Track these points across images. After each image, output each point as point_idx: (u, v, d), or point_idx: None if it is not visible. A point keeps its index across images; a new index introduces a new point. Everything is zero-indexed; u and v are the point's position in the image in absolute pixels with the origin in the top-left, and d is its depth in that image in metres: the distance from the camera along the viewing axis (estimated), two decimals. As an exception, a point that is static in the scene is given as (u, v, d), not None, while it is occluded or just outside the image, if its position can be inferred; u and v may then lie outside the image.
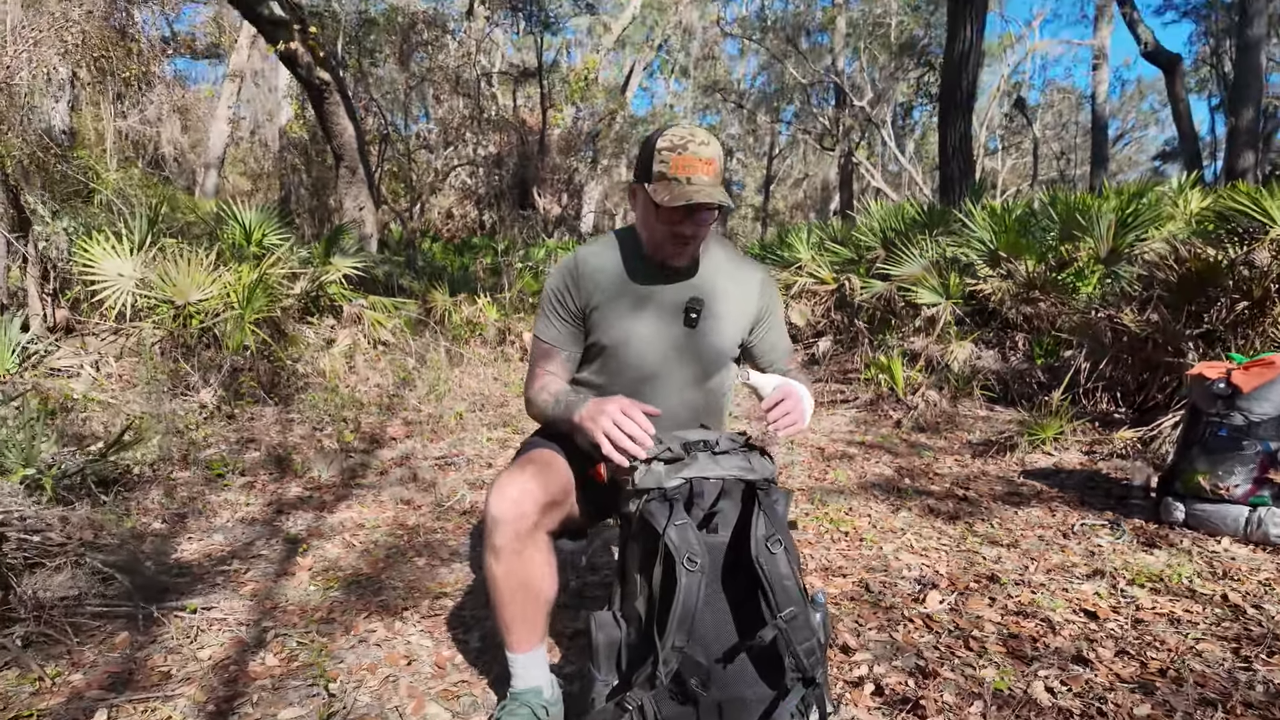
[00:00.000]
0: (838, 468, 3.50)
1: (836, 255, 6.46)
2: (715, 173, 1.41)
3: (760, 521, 1.19)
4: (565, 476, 1.46)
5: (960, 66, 6.66)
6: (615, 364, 1.56)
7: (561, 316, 1.57)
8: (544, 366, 1.59)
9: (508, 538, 1.33)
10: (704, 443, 1.32)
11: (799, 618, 1.16)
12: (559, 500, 1.42)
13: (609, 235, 1.61)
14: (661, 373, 1.55)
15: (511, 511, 1.33)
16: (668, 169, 1.40)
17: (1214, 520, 2.60)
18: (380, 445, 3.78)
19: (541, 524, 1.38)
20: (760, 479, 1.26)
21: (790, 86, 20.80)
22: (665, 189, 1.39)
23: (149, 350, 4.47)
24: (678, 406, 1.55)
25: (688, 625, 1.15)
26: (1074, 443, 3.76)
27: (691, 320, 1.53)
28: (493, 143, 12.88)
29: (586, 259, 1.56)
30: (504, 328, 6.43)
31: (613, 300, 1.53)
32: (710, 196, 1.37)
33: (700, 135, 1.41)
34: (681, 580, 1.15)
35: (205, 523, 2.66)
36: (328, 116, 7.88)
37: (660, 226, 1.45)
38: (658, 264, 1.53)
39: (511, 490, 1.35)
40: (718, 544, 1.25)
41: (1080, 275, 5.24)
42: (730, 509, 1.26)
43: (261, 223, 5.91)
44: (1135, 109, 33.29)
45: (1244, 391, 2.62)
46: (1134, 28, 14.23)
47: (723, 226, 12.32)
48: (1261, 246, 4.22)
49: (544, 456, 1.47)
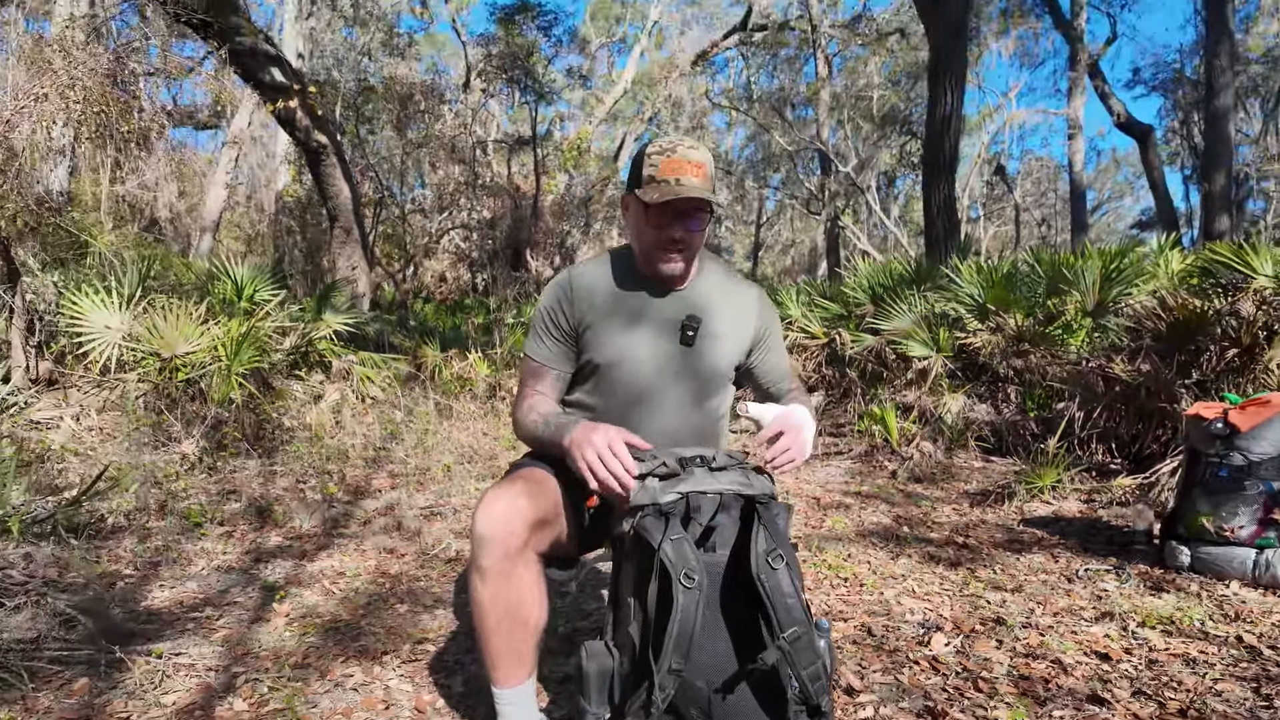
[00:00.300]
0: (834, 516, 3.43)
1: (826, 311, 6.49)
2: (705, 176, 1.40)
3: (761, 536, 1.14)
4: (555, 495, 1.40)
5: (942, 130, 6.88)
6: (609, 383, 1.51)
7: (553, 335, 1.53)
8: (533, 386, 1.55)
9: (495, 558, 1.26)
10: (700, 458, 1.27)
11: (803, 639, 1.09)
12: (549, 519, 1.36)
13: (603, 254, 1.59)
14: (657, 392, 1.50)
15: (500, 529, 1.26)
16: (656, 172, 1.39)
17: (1220, 563, 2.53)
18: (365, 496, 3.68)
19: (531, 543, 1.31)
20: (760, 493, 1.21)
21: (777, 155, 21.41)
22: (654, 189, 1.39)
23: (132, 403, 4.40)
24: (674, 428, 1.51)
25: (685, 647, 1.07)
26: (1072, 492, 3.70)
27: (688, 338, 1.50)
28: (486, 207, 13.09)
29: (580, 275, 1.54)
30: (495, 383, 6.38)
31: (606, 317, 1.50)
32: (698, 192, 1.36)
33: (689, 141, 1.42)
34: (679, 598, 1.08)
35: (179, 570, 2.55)
36: (324, 178, 8.01)
37: (650, 231, 1.43)
38: (652, 281, 1.51)
39: (499, 506, 1.28)
40: (716, 563, 1.19)
41: (1068, 328, 5.28)
42: (728, 526, 1.20)
43: (253, 279, 5.92)
44: (1111, 180, 34.37)
45: (1242, 431, 2.59)
46: (1106, 100, 14.82)
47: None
48: (1245, 297, 4.27)
49: (533, 474, 1.41)
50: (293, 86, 6.78)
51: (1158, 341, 4.27)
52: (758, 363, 1.61)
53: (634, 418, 1.49)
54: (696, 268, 1.55)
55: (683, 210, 1.41)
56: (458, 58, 18.64)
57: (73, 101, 4.31)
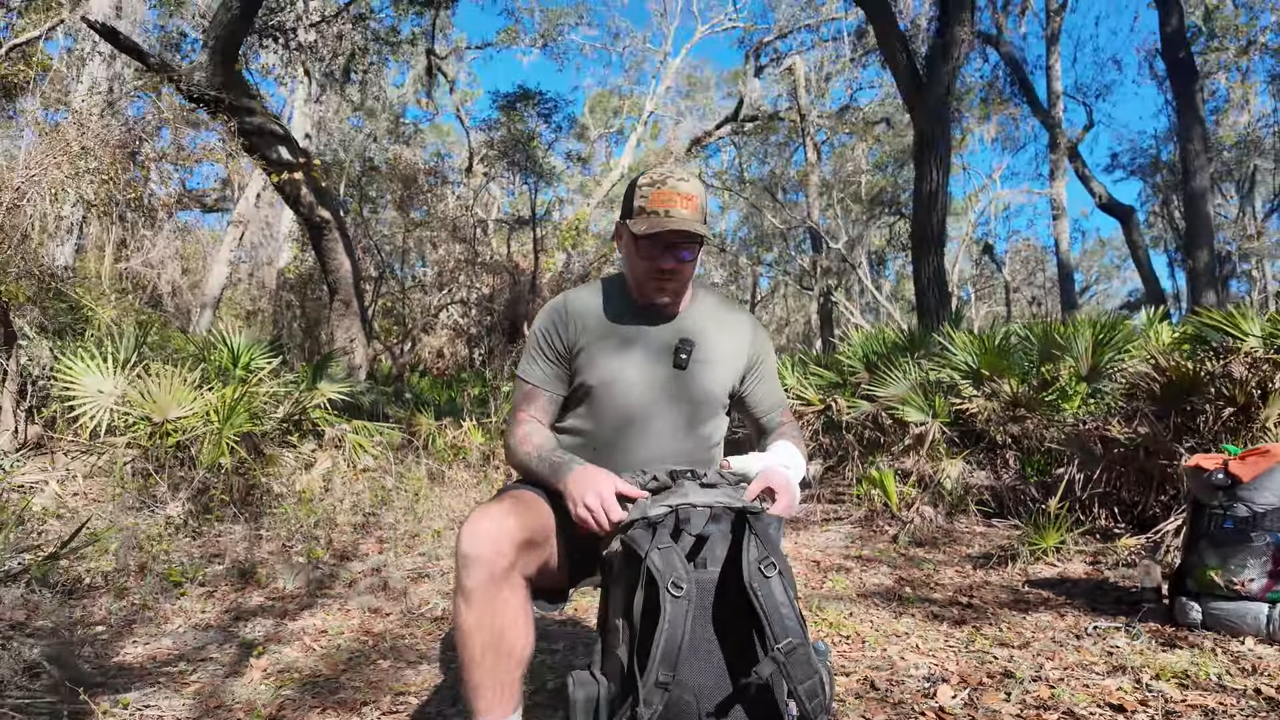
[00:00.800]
0: (835, 578, 3.33)
1: (821, 378, 6.50)
2: (695, 209, 1.42)
3: (752, 545, 1.10)
4: (545, 518, 1.36)
5: (929, 204, 7.08)
6: (601, 406, 1.50)
7: (547, 357, 1.53)
8: (526, 410, 1.53)
9: (480, 579, 1.21)
10: (691, 473, 1.25)
11: (798, 651, 1.04)
12: (538, 541, 1.31)
13: (597, 281, 1.61)
14: (649, 415, 1.49)
15: (485, 548, 1.22)
16: (647, 203, 1.42)
17: (1233, 619, 2.45)
18: (351, 559, 3.58)
19: (518, 565, 1.26)
20: (751, 506, 1.18)
21: (770, 234, 21.95)
22: (643, 221, 1.41)
23: (120, 468, 4.33)
24: (667, 452, 1.48)
25: (673, 659, 1.02)
26: (1076, 553, 3.62)
27: (681, 361, 1.49)
28: (485, 284, 13.29)
29: (574, 299, 1.55)
30: (489, 451, 6.31)
31: (599, 340, 1.50)
32: (686, 225, 1.38)
33: (680, 173, 1.45)
34: (666, 608, 1.04)
35: (154, 628, 2.45)
36: (326, 252, 8.16)
37: (641, 262, 1.45)
38: (645, 306, 1.52)
39: (485, 524, 1.24)
40: (708, 579, 1.15)
41: (1064, 394, 5.28)
42: (719, 540, 1.17)
43: (250, 347, 5.93)
44: (1098, 262, 35.17)
45: (1243, 481, 2.56)
46: (1087, 183, 15.33)
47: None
48: (1237, 359, 4.30)
49: (523, 495, 1.38)
50: (299, 161, 6.99)
51: (1153, 403, 4.27)
52: (750, 390, 1.60)
53: (626, 441, 1.47)
54: (690, 295, 1.56)
55: (672, 242, 1.42)
56: (460, 145, 19.36)
57: (83, 172, 4.42)
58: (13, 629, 1.71)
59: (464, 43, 17.35)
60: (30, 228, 5.23)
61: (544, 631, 2.51)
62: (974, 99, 17.20)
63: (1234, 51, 18.92)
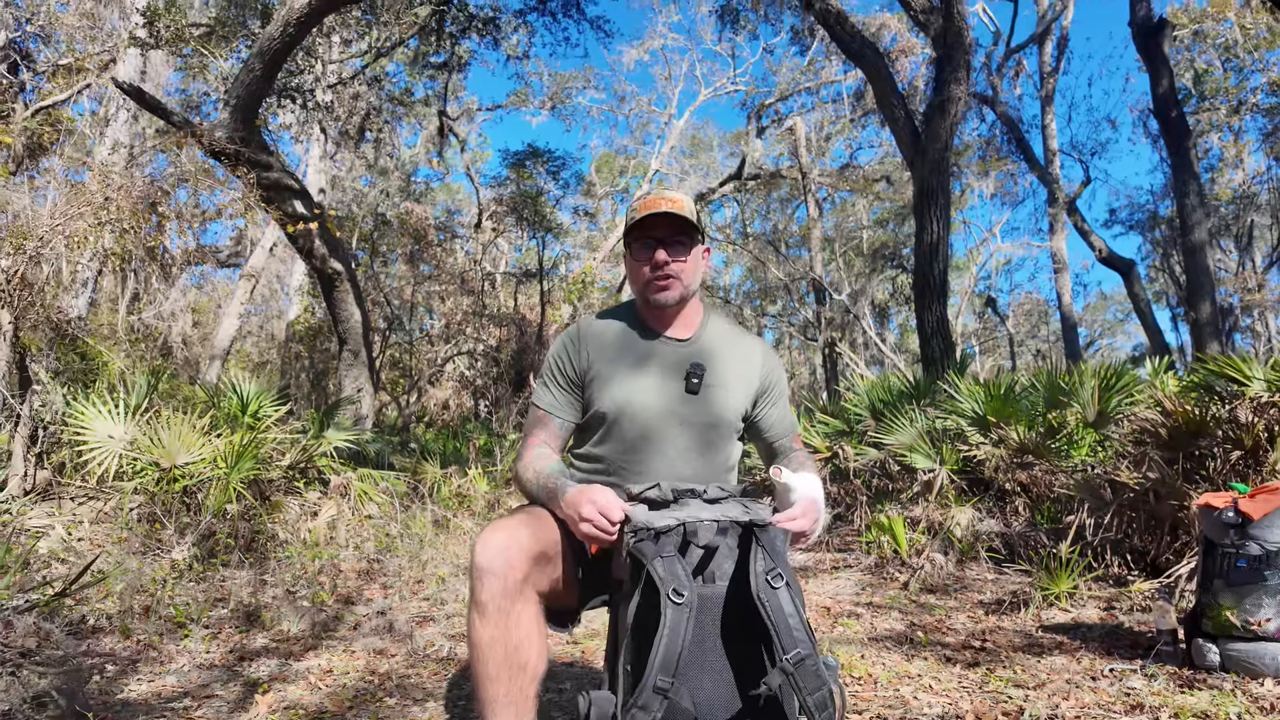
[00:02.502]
0: (846, 622, 3.29)
1: (828, 426, 6.50)
2: (681, 207, 1.49)
3: (759, 556, 1.12)
4: (555, 533, 1.37)
5: (931, 255, 7.19)
6: (615, 431, 1.52)
7: (559, 383, 1.56)
8: (537, 435, 1.56)
9: (494, 592, 1.22)
10: (693, 490, 1.27)
11: (807, 662, 1.04)
12: (549, 554, 1.33)
13: (615, 306, 1.66)
14: (662, 440, 1.51)
15: (499, 561, 1.24)
16: (635, 213, 1.51)
17: (1251, 660, 2.41)
18: (356, 604, 3.55)
19: (531, 578, 1.27)
20: (758, 519, 1.20)
21: (774, 286, 22.19)
22: (633, 222, 1.51)
23: (127, 513, 4.34)
24: (681, 476, 1.49)
25: (672, 666, 1.03)
26: (1090, 599, 3.57)
27: (693, 385, 1.52)
28: (492, 336, 13.42)
29: (589, 325, 1.60)
30: (494, 500, 6.29)
31: (611, 365, 1.54)
32: (669, 207, 1.45)
33: (666, 186, 1.54)
34: (667, 614, 1.05)
35: (159, 666, 2.43)
36: (337, 303, 8.28)
37: (637, 267, 1.51)
38: (658, 331, 1.56)
39: (499, 537, 1.26)
40: (715, 595, 1.16)
41: (1071, 441, 5.27)
42: (726, 555, 1.18)
43: (259, 394, 5.98)
44: (1101, 318, 35.33)
45: (1254, 519, 2.55)
46: (1087, 238, 15.53)
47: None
48: (1243, 404, 4.31)
49: (534, 511, 1.40)
50: (313, 212, 7.16)
51: (1161, 448, 4.25)
52: (763, 415, 1.62)
53: (639, 466, 1.49)
54: (702, 319, 1.60)
55: (662, 237, 1.49)
56: (470, 203, 19.80)
57: (104, 221, 4.55)
58: (23, 656, 1.71)
59: (475, 104, 17.90)
60: (49, 278, 5.35)
61: (551, 671, 2.48)
62: (972, 156, 17.59)
63: (1225, 112, 19.39)
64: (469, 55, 11.35)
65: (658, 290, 1.52)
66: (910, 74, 15.88)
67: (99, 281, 11.40)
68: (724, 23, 12.55)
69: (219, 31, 8.65)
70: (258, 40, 6.91)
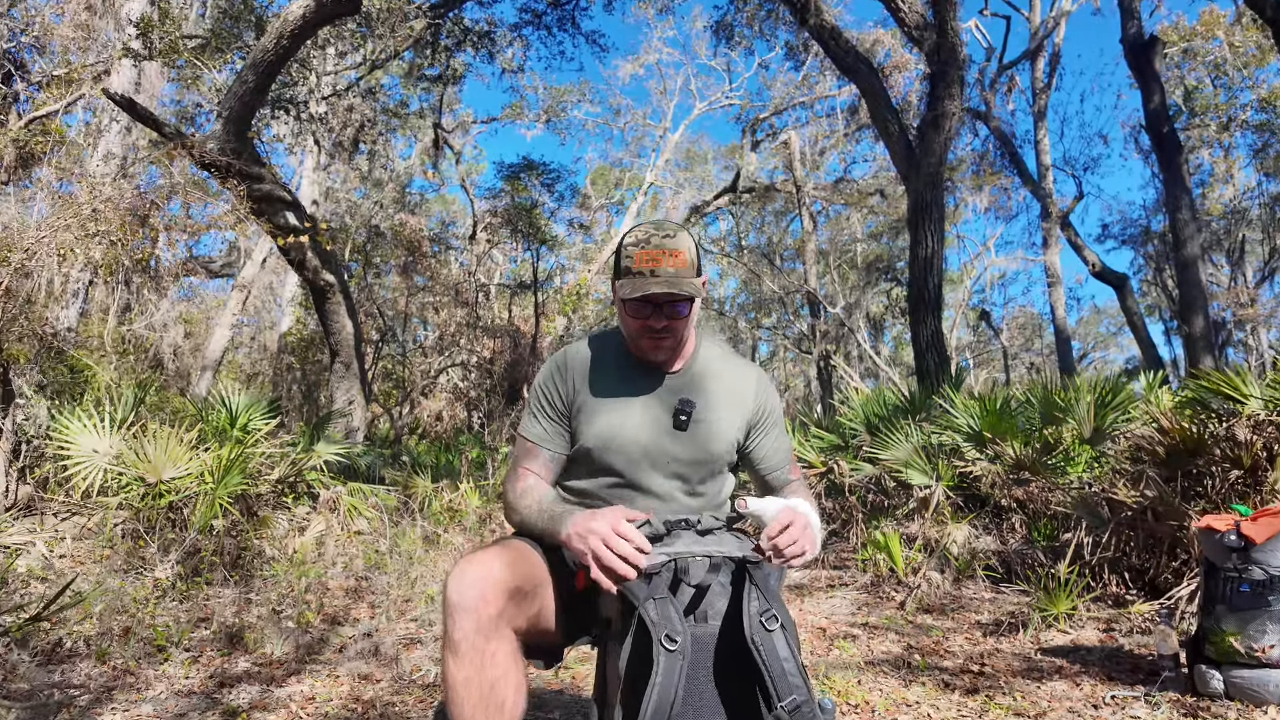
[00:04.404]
0: (841, 644, 3.23)
1: (823, 440, 6.46)
2: (683, 263, 1.36)
3: (753, 597, 1.07)
4: (536, 568, 1.32)
5: (925, 269, 7.18)
6: (601, 466, 1.46)
7: (547, 413, 1.50)
8: (526, 465, 1.49)
9: (468, 629, 1.16)
10: (686, 521, 1.22)
11: (804, 708, 0.99)
12: (527, 590, 1.27)
13: (606, 331, 1.57)
14: (650, 477, 1.45)
15: (471, 595, 1.17)
16: (633, 264, 1.36)
17: (1255, 688, 2.36)
18: (342, 624, 3.48)
19: (506, 615, 1.21)
20: (750, 556, 1.14)
21: (768, 299, 22.21)
22: (629, 284, 1.36)
23: (110, 530, 4.26)
24: (668, 508, 1.44)
25: (665, 714, 0.97)
26: (1089, 620, 3.52)
27: (681, 422, 1.45)
28: (486, 347, 13.36)
29: (573, 355, 1.53)
30: (485, 514, 6.21)
31: (598, 398, 1.47)
32: (669, 286, 1.33)
33: (667, 228, 1.40)
34: (659, 661, 1.00)
35: (135, 694, 2.36)
36: (329, 315, 8.22)
37: (632, 322, 1.41)
38: (644, 362, 1.49)
39: (473, 571, 1.20)
40: (708, 635, 1.11)
41: (1067, 458, 5.23)
42: (719, 592, 1.13)
43: (248, 407, 5.91)
44: (1094, 331, 35.46)
45: (1257, 543, 2.51)
46: (1080, 252, 15.59)
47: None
48: (1240, 422, 4.28)
49: (514, 544, 1.34)
50: (305, 225, 7.11)
51: (1158, 466, 4.22)
52: (755, 445, 1.54)
53: (626, 501, 1.44)
54: (692, 347, 1.52)
55: (661, 302, 1.37)
56: (464, 214, 19.78)
57: (92, 233, 4.49)
58: (-13, 689, 1.64)
59: (470, 117, 17.94)
60: (36, 290, 5.29)
61: (539, 698, 2.42)
62: (966, 170, 17.67)
63: (1215, 128, 19.56)
64: (464, 68, 11.37)
65: (651, 350, 1.43)
66: (904, 88, 15.96)
67: (90, 291, 11.32)
68: (719, 39, 12.62)
69: (213, 43, 8.63)
70: (251, 52, 6.89)
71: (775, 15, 11.94)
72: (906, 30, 7.91)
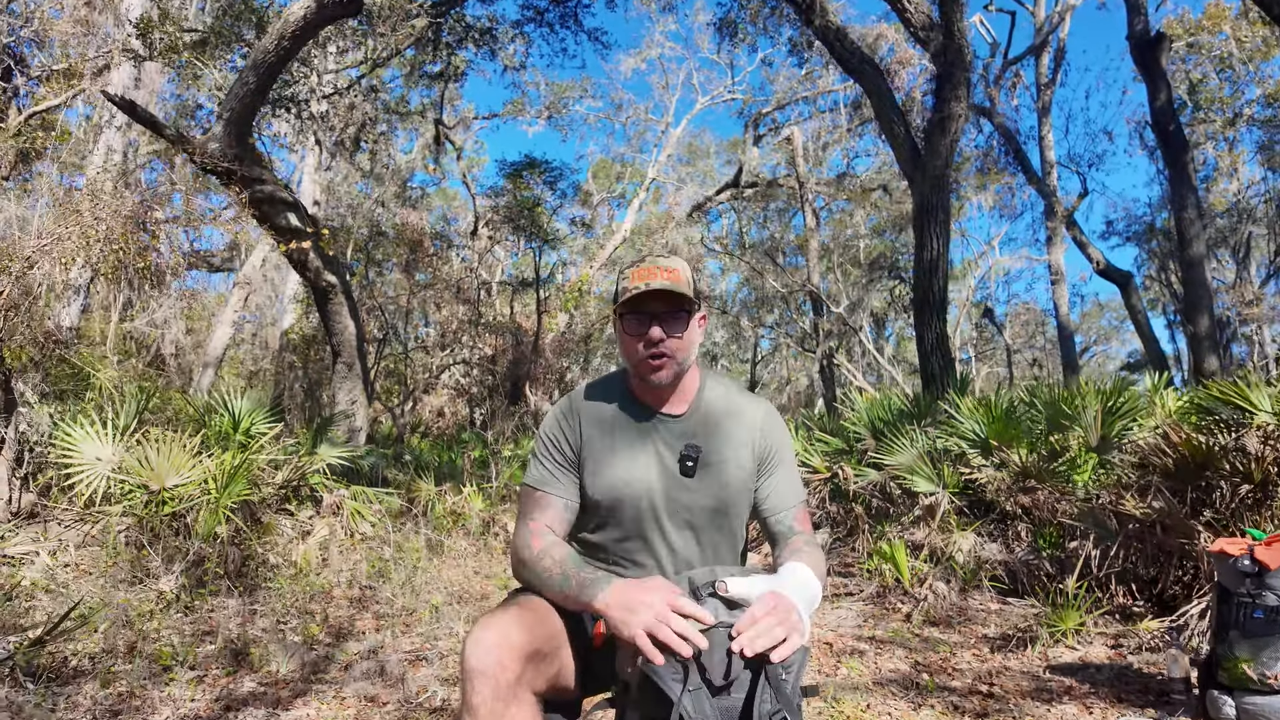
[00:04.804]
0: (849, 662, 3.22)
1: (827, 445, 6.44)
2: (678, 279, 1.39)
3: (766, 695, 1.05)
4: (553, 627, 1.29)
5: (930, 272, 7.14)
6: (612, 519, 1.43)
7: (557, 460, 1.46)
8: (539, 519, 1.43)
9: (485, 695, 1.14)
10: (713, 587, 1.19)
11: None
12: (546, 652, 1.25)
13: (611, 374, 1.55)
14: (662, 525, 1.43)
15: (490, 660, 1.15)
16: (629, 282, 1.40)
17: (1269, 715, 2.35)
18: (347, 638, 3.47)
19: (525, 678, 1.19)
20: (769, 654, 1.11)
21: (770, 296, 22.16)
22: (625, 297, 1.40)
23: (113, 538, 4.24)
24: (686, 560, 1.41)
25: None
26: (1097, 635, 3.50)
27: (688, 469, 1.42)
28: (488, 344, 13.34)
29: (582, 396, 1.51)
30: (489, 518, 6.20)
31: (605, 447, 1.45)
32: (663, 284, 1.36)
33: (662, 254, 1.44)
34: None
35: (140, 719, 2.34)
36: (331, 316, 8.19)
37: (630, 341, 1.41)
38: (651, 407, 1.47)
39: (490, 637, 1.18)
40: (731, 708, 1.09)
41: (1073, 465, 5.21)
42: (740, 666, 1.10)
43: (251, 411, 5.88)
44: (1096, 324, 35.39)
45: (1271, 569, 2.48)
46: (1084, 249, 15.52)
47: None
48: (1249, 434, 4.24)
49: (530, 603, 1.31)
50: (307, 230, 7.08)
51: (1166, 478, 4.19)
52: (759, 485, 1.50)
53: (640, 554, 1.42)
54: (696, 387, 1.50)
55: (657, 313, 1.39)
56: (467, 211, 19.72)
57: (93, 240, 4.47)
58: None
59: (471, 113, 17.86)
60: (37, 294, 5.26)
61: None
62: (970, 168, 17.59)
63: (1221, 123, 19.46)
64: (466, 65, 11.29)
65: (651, 371, 1.41)
66: (908, 84, 15.87)
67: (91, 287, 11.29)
68: (722, 35, 12.52)
69: (213, 41, 8.57)
70: (251, 52, 6.83)
71: (779, 12, 11.85)
72: (912, 30, 7.84)
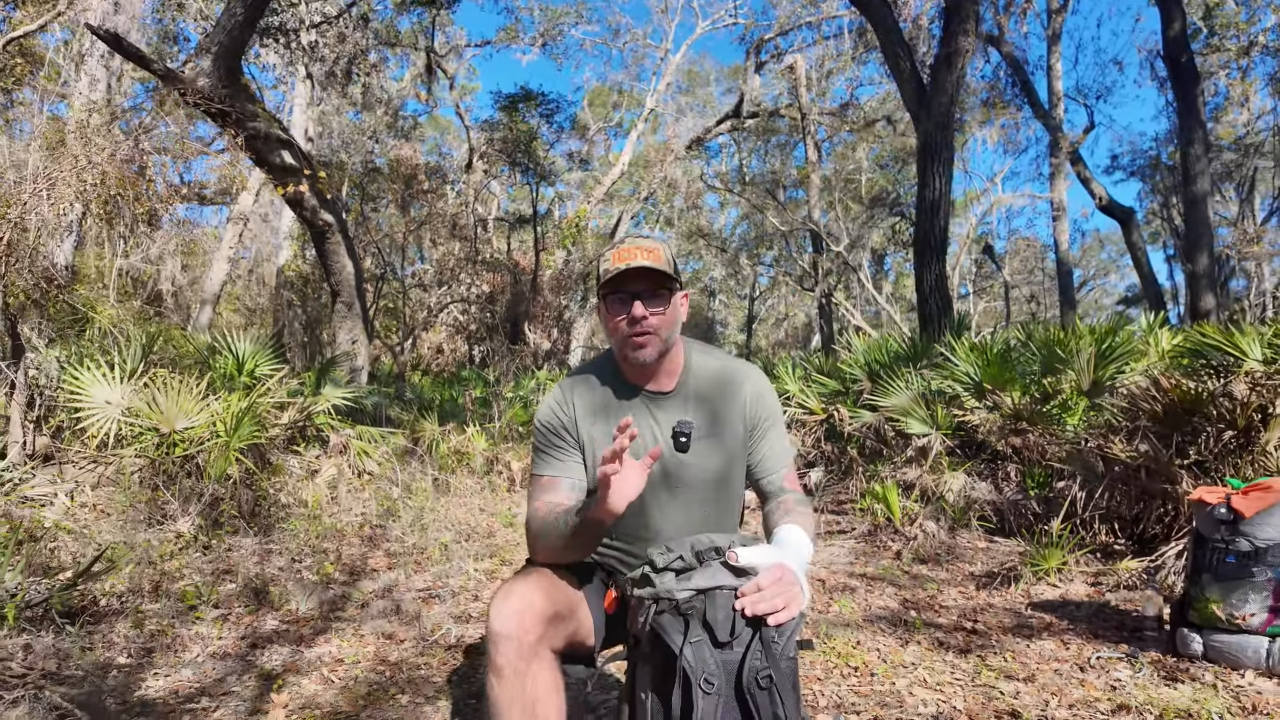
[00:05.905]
0: (841, 599, 3.38)
1: (824, 386, 6.54)
2: (658, 259, 1.42)
3: (756, 653, 1.14)
4: (573, 593, 1.39)
5: (932, 212, 7.10)
6: None
7: (558, 445, 1.51)
8: (544, 500, 1.47)
9: (510, 655, 1.25)
10: (716, 550, 1.27)
11: None
12: (564, 614, 1.35)
13: (597, 357, 1.60)
14: (662, 502, 1.50)
15: (513, 624, 1.25)
16: (609, 264, 1.43)
17: (1233, 652, 2.50)
18: (361, 577, 3.62)
19: (546, 638, 1.29)
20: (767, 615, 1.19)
21: (770, 234, 21.97)
22: (606, 278, 1.44)
23: (128, 479, 4.36)
24: (688, 531, 1.50)
25: None
26: (1078, 574, 3.67)
27: (682, 444, 1.48)
28: (486, 282, 13.30)
29: (572, 383, 1.56)
30: (492, 457, 6.35)
31: (597, 428, 1.50)
32: (643, 263, 1.39)
33: (643, 234, 1.47)
34: (699, 704, 1.08)
35: (174, 658, 2.48)
36: (328, 255, 8.15)
37: (613, 321, 1.45)
38: (639, 387, 1.51)
39: (513, 602, 1.28)
40: (731, 661, 1.18)
41: (1065, 407, 5.32)
42: (742, 623, 1.20)
43: (254, 354, 5.94)
44: (1095, 258, 35.23)
45: (1246, 516, 2.60)
46: (1087, 185, 15.34)
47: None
48: (1237, 379, 4.34)
49: (546, 571, 1.40)
50: (302, 169, 6.97)
51: (1154, 422, 4.30)
52: (751, 451, 1.56)
53: (642, 530, 1.50)
54: (681, 362, 1.54)
55: (638, 292, 1.42)
56: (461, 141, 19.28)
57: (88, 184, 4.42)
58: (45, 677, 1.74)
59: (463, 40, 17.24)
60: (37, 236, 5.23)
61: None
62: (975, 101, 17.19)
63: (1234, 51, 18.91)
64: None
65: (635, 348, 1.44)
66: (914, 10, 15.35)
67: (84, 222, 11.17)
68: (725, -43, 12.00)
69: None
70: (238, -19, 6.58)
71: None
72: (922, -44, 7.57)
